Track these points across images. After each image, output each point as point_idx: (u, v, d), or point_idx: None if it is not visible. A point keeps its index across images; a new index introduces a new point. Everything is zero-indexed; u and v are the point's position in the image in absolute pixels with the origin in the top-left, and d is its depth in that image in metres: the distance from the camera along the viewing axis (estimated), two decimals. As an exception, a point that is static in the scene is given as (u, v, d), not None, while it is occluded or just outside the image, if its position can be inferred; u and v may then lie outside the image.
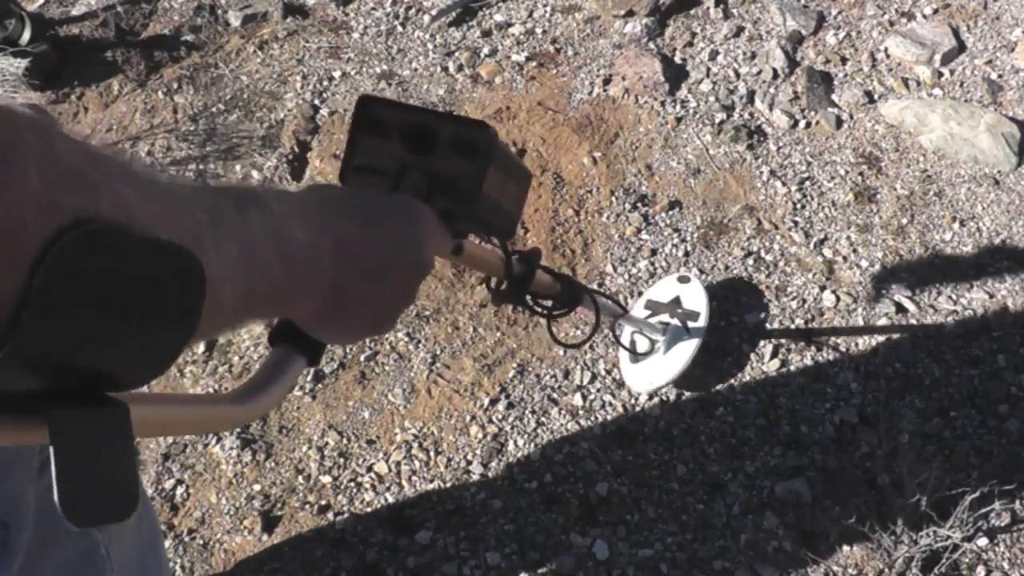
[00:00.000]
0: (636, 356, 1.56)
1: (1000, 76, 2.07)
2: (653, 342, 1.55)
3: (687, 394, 1.61)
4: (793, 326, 1.69)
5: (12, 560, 0.58)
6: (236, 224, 0.41)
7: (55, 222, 0.31)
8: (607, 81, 2.07)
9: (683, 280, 1.64)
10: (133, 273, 0.35)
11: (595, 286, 1.74)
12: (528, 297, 0.97)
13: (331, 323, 0.52)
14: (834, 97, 2.06)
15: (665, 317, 1.56)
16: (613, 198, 1.87)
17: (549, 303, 1.02)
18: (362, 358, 1.65)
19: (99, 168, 0.34)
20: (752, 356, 1.65)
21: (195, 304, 0.38)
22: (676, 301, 1.57)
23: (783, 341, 1.67)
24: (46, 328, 0.32)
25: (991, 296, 1.72)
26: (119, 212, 0.34)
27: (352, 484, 1.52)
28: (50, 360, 0.34)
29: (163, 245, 0.36)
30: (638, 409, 1.59)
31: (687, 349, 1.53)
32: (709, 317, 1.57)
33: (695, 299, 1.59)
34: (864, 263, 1.77)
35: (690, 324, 1.55)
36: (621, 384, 1.62)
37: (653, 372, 1.54)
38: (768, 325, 1.69)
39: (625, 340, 1.58)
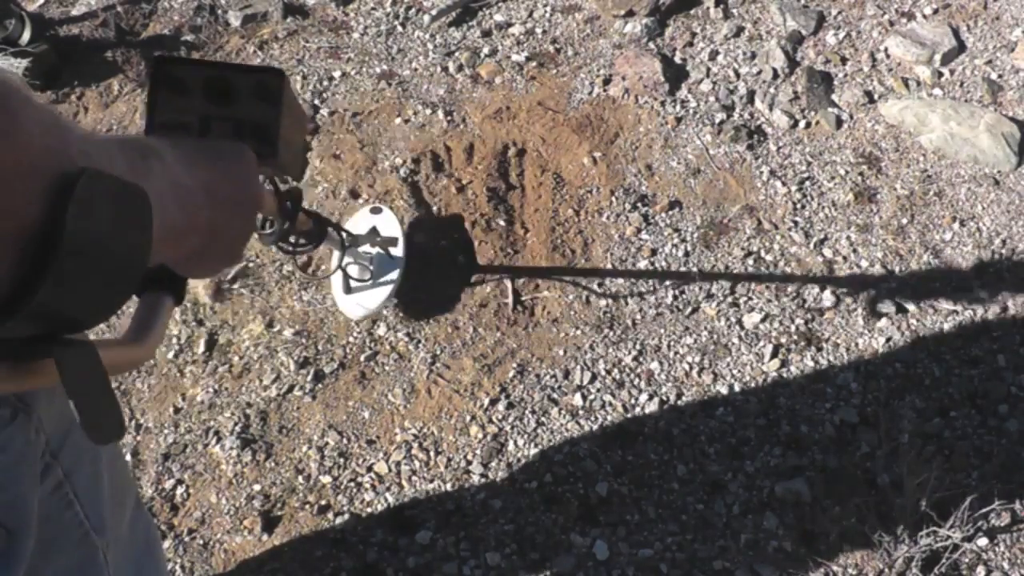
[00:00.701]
0: (348, 287, 1.64)
1: (1000, 76, 2.07)
2: (367, 269, 1.63)
3: (687, 394, 1.61)
4: (793, 326, 1.69)
5: (17, 566, 0.58)
6: (144, 172, 0.45)
7: (57, 165, 0.35)
8: (607, 81, 2.07)
9: (375, 211, 1.73)
10: (120, 215, 0.39)
11: (595, 286, 1.74)
12: (291, 236, 1.05)
13: (201, 259, 0.57)
14: (834, 97, 2.06)
15: (367, 248, 1.62)
16: (613, 198, 1.86)
17: (295, 239, 1.10)
18: (362, 358, 1.65)
19: (61, 121, 0.38)
20: (752, 356, 1.65)
21: (147, 244, 0.42)
22: (374, 231, 1.61)
23: (783, 341, 1.67)
24: (75, 266, 0.36)
25: (991, 296, 1.72)
26: (83, 160, 0.38)
27: (352, 484, 1.52)
28: (63, 305, 0.37)
29: (136, 188, 0.40)
30: (638, 409, 1.59)
31: (393, 272, 1.65)
32: (406, 242, 1.68)
33: (390, 226, 1.69)
34: (864, 263, 1.77)
35: (391, 251, 1.64)
36: (621, 384, 1.62)
37: (366, 298, 1.63)
38: (768, 325, 1.69)
39: (339, 275, 1.64)
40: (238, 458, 1.54)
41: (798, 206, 1.86)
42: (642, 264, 1.78)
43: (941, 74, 2.09)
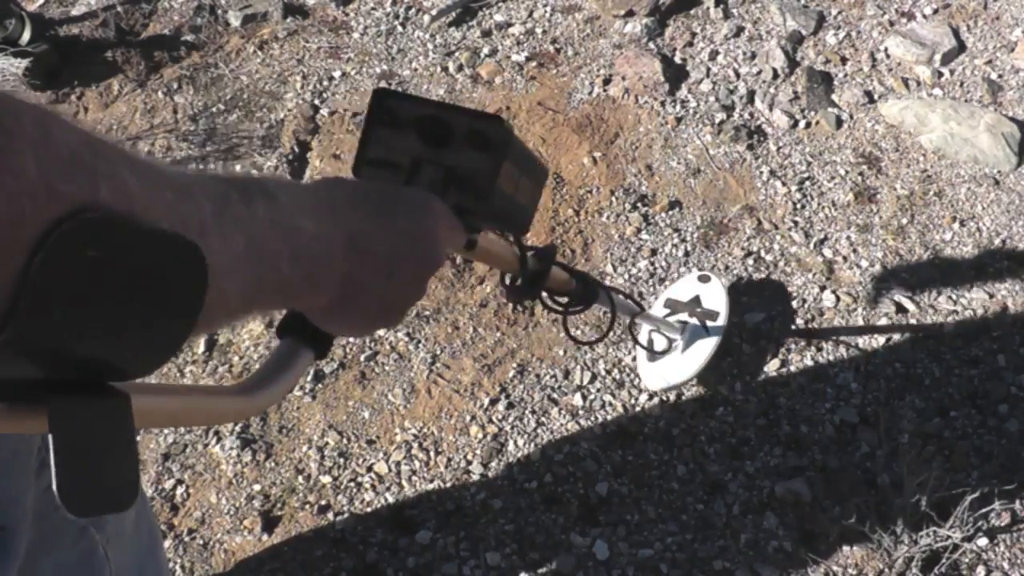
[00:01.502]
0: (653, 355, 1.56)
1: (1000, 76, 2.07)
2: (671, 340, 1.55)
3: (687, 394, 1.61)
4: (793, 326, 1.69)
5: (11, 563, 0.58)
6: (242, 214, 0.41)
7: (53, 211, 0.31)
8: (607, 81, 2.07)
9: (703, 279, 1.64)
10: (134, 263, 0.34)
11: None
12: (544, 294, 0.96)
13: (340, 316, 0.52)
14: (834, 97, 2.06)
15: (684, 316, 1.56)
16: (613, 198, 1.87)
17: (564, 300, 1.02)
18: (362, 358, 1.65)
19: (100, 156, 0.33)
20: (752, 356, 1.65)
21: (198, 295, 0.37)
22: (696, 300, 1.57)
23: (783, 341, 1.67)
24: (43, 317, 0.32)
25: (991, 296, 1.72)
26: (120, 201, 0.34)
27: (352, 484, 1.52)
28: (48, 349, 0.33)
29: (165, 235, 0.35)
30: (638, 409, 1.59)
31: (705, 348, 1.53)
32: (729, 316, 1.57)
33: (715, 298, 1.59)
34: (864, 263, 1.77)
35: (708, 323, 1.55)
36: (621, 384, 1.62)
37: (670, 370, 1.54)
38: (768, 325, 1.69)
39: (643, 339, 1.58)
40: (238, 458, 1.54)
41: (798, 206, 1.86)
42: (642, 264, 1.78)
43: (941, 74, 2.09)
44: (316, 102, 2.04)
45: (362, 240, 0.48)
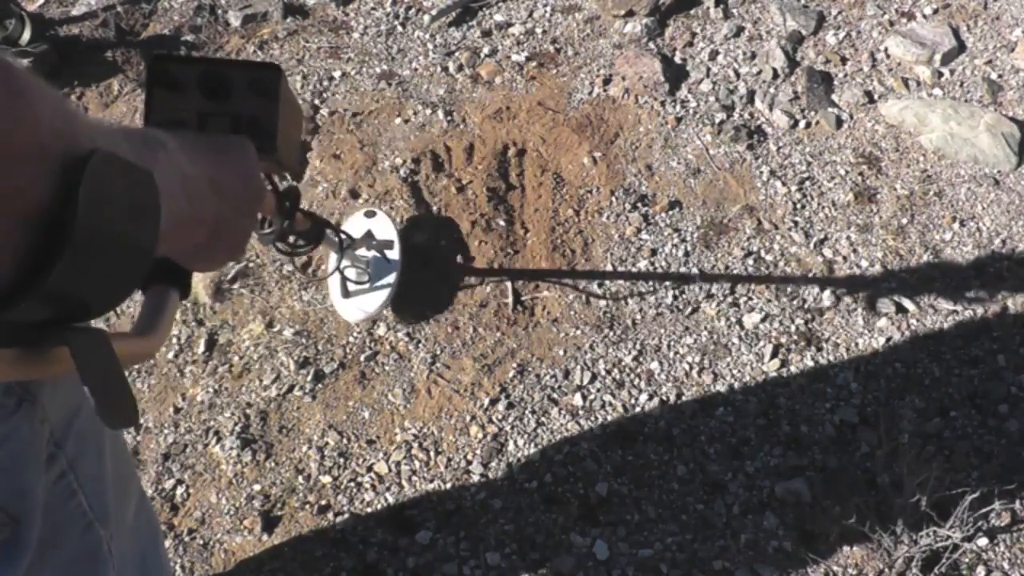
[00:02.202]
0: (346, 291, 1.64)
1: (1000, 76, 2.07)
2: (364, 272, 1.63)
3: (687, 394, 1.61)
4: (793, 326, 1.69)
5: (23, 555, 0.58)
6: (151, 161, 0.45)
7: (65, 146, 0.35)
8: (607, 81, 2.07)
9: (369, 214, 1.73)
10: (131, 197, 0.39)
11: (595, 287, 1.74)
12: (290, 236, 1.05)
13: (208, 252, 0.57)
14: (834, 97, 2.06)
15: (363, 251, 1.62)
16: (613, 198, 1.86)
17: (293, 239, 1.09)
18: (362, 358, 1.65)
19: (67, 104, 0.38)
20: (752, 356, 1.65)
21: (155, 228, 0.42)
22: (369, 234, 1.61)
23: (783, 341, 1.67)
24: (87, 247, 0.36)
25: (991, 296, 1.72)
26: (90, 144, 0.38)
27: (352, 484, 1.52)
28: (78, 287, 0.37)
29: (146, 172, 0.40)
30: (638, 409, 1.59)
31: (390, 276, 1.64)
32: (401, 244, 1.67)
33: (385, 229, 1.69)
34: (864, 263, 1.77)
35: (388, 254, 1.64)
36: (621, 384, 1.62)
37: (364, 302, 1.63)
38: (768, 325, 1.69)
39: (337, 279, 1.64)
40: (238, 458, 1.54)
41: (798, 206, 1.86)
42: (642, 264, 1.78)
43: (941, 74, 2.09)
44: (316, 102, 2.04)
45: (218, 181, 0.54)
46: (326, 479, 1.52)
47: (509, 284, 1.74)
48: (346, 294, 1.64)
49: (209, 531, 1.48)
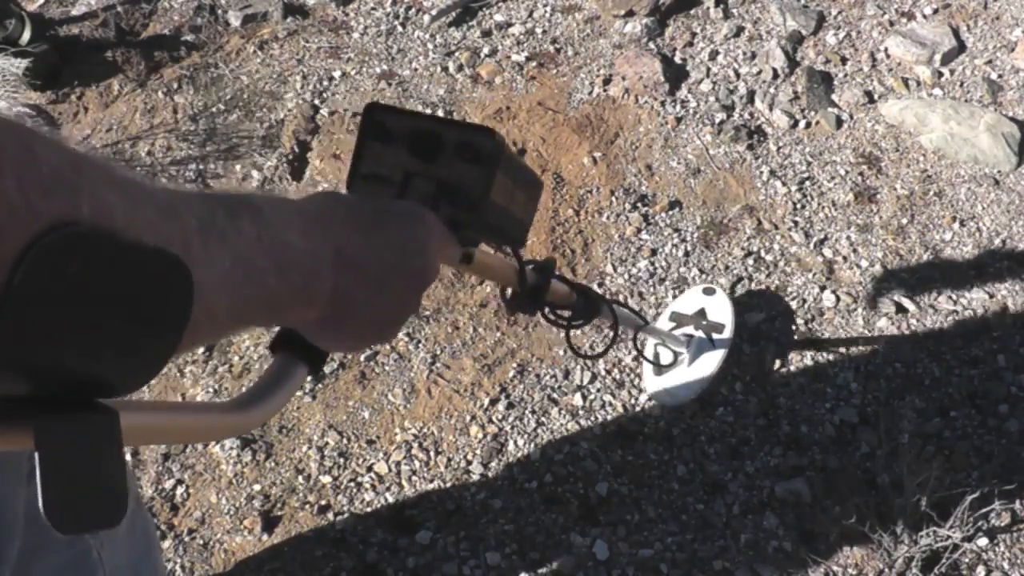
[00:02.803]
0: (660, 368, 1.54)
1: (1000, 76, 2.07)
2: (677, 354, 1.53)
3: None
4: (793, 326, 1.69)
5: (3, 568, 0.58)
6: (228, 231, 0.41)
7: (34, 228, 0.31)
8: (607, 81, 2.07)
9: (708, 292, 1.62)
10: (116, 278, 0.34)
11: (595, 286, 1.74)
12: (545, 307, 0.95)
13: (332, 331, 0.51)
14: (834, 97, 2.06)
15: (690, 329, 1.54)
16: (613, 198, 1.87)
17: (566, 313, 1.01)
18: (362, 358, 1.65)
19: (82, 174, 0.33)
20: (752, 355, 1.65)
21: (183, 311, 0.37)
22: (701, 313, 1.55)
23: (783, 341, 1.67)
24: (24, 331, 0.32)
25: (991, 296, 1.72)
26: (102, 217, 0.34)
27: (352, 484, 1.52)
28: (31, 364, 0.33)
29: (148, 250, 0.35)
30: (638, 409, 1.59)
31: (712, 361, 1.51)
32: (734, 328, 1.55)
33: (720, 311, 1.57)
34: (864, 263, 1.77)
35: (715, 335, 1.53)
36: (621, 384, 1.62)
37: (678, 385, 1.52)
38: (768, 325, 1.69)
39: (648, 353, 1.56)
40: (238, 458, 1.54)
41: (798, 206, 1.86)
42: (642, 264, 1.78)
43: (941, 74, 2.09)
44: (316, 102, 2.04)
45: (351, 253, 0.48)
46: (326, 479, 1.52)
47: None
48: (659, 371, 1.54)
49: (209, 531, 1.48)
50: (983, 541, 1.44)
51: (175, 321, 0.37)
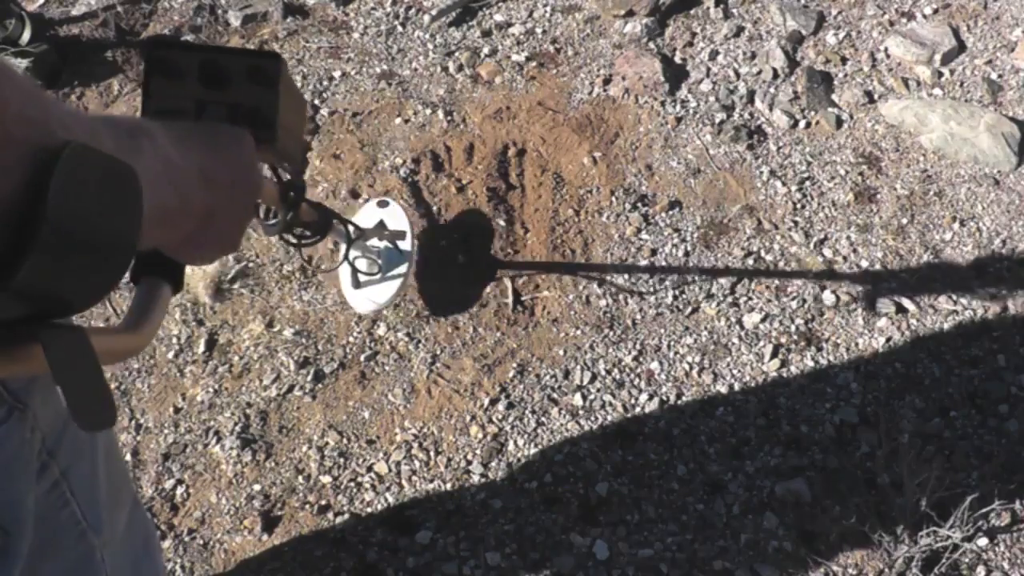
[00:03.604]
0: (357, 281, 1.62)
1: (1000, 76, 2.07)
2: (375, 263, 1.61)
3: (687, 394, 1.61)
4: (793, 326, 1.69)
5: (13, 567, 0.58)
6: (134, 150, 0.44)
7: (35, 136, 0.33)
8: (607, 81, 2.07)
9: (382, 204, 1.71)
10: (109, 191, 0.37)
11: (595, 287, 1.74)
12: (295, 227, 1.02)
13: (198, 244, 0.56)
14: (834, 97, 2.06)
15: (375, 241, 1.60)
16: (613, 198, 1.86)
17: (303, 231, 1.07)
18: (362, 358, 1.65)
19: (45, 103, 0.36)
20: (752, 356, 1.65)
21: (136, 224, 0.40)
22: (381, 224, 1.59)
23: (783, 341, 1.67)
24: (59, 242, 0.34)
25: (991, 296, 1.72)
26: (65, 134, 0.36)
27: (352, 484, 1.52)
28: (40, 283, 0.36)
29: (124, 165, 0.38)
30: (638, 409, 1.59)
31: (402, 266, 1.62)
32: (414, 234, 1.65)
33: (398, 219, 1.67)
34: (864, 263, 1.77)
35: (400, 244, 1.61)
36: (621, 384, 1.62)
37: (376, 293, 1.61)
38: (768, 325, 1.69)
39: (347, 270, 1.62)
40: (238, 458, 1.54)
41: (798, 206, 1.86)
42: (642, 264, 1.78)
43: (941, 74, 2.09)
44: (316, 102, 2.04)
45: (210, 171, 0.52)
46: (326, 479, 1.52)
47: (509, 284, 1.74)
48: (357, 285, 1.62)
49: (209, 531, 1.48)
50: (983, 541, 1.44)
51: (133, 235, 0.40)
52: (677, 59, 2.12)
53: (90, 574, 0.71)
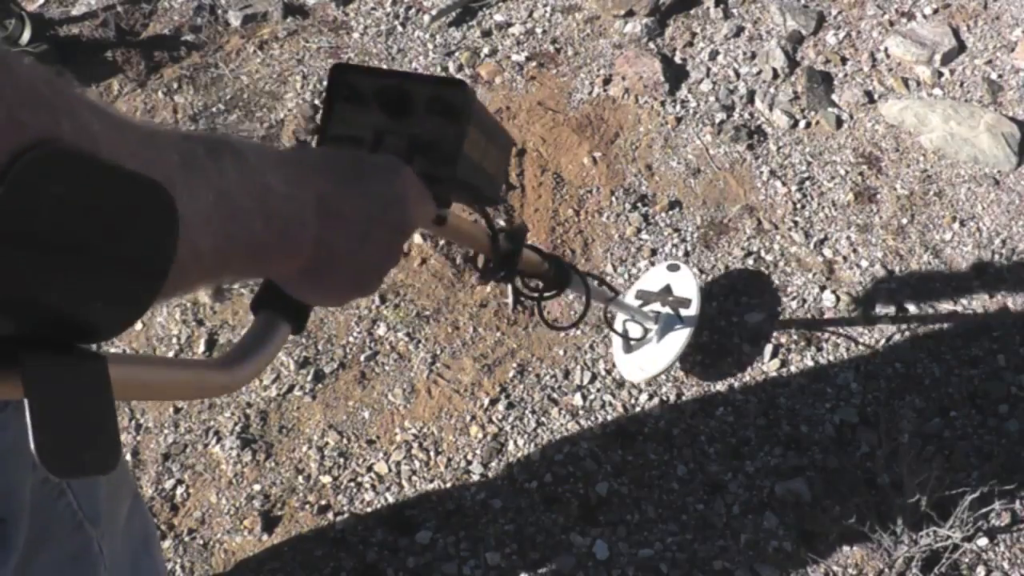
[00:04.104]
0: (629, 345, 1.56)
1: (1000, 76, 2.07)
2: (646, 330, 1.54)
3: (687, 394, 1.61)
4: (793, 326, 1.69)
5: (10, 555, 0.58)
6: (209, 168, 0.39)
7: (16, 141, 0.30)
8: (607, 81, 2.07)
9: (673, 268, 1.64)
10: (100, 203, 0.33)
11: (595, 286, 1.74)
12: (516, 277, 0.95)
13: (314, 283, 0.51)
14: (834, 97, 2.06)
15: (656, 306, 1.56)
16: (613, 198, 1.87)
17: (537, 284, 1.01)
18: (362, 358, 1.65)
19: (59, 92, 0.32)
20: (752, 356, 1.65)
21: (168, 243, 0.36)
22: (667, 289, 1.56)
23: (783, 341, 1.67)
24: (6, 256, 0.30)
25: (991, 296, 1.72)
26: (83, 139, 0.33)
27: (352, 484, 1.52)
28: (13, 296, 0.32)
29: (134, 175, 0.34)
30: (638, 409, 1.59)
31: (680, 337, 1.53)
32: (700, 304, 1.57)
33: (685, 286, 1.59)
34: (864, 263, 1.77)
35: (682, 312, 1.54)
36: (621, 384, 1.62)
37: (647, 360, 1.53)
38: (768, 325, 1.69)
39: (618, 329, 1.58)
40: (238, 458, 1.54)
41: (798, 206, 1.86)
42: (642, 264, 1.78)
43: (941, 74, 2.09)
44: (316, 102, 2.04)
45: (333, 203, 0.47)
46: (326, 479, 1.52)
47: (509, 284, 1.74)
48: (628, 349, 1.55)
49: (209, 531, 1.48)
50: (983, 541, 1.44)
51: (160, 256, 0.36)
52: (677, 59, 2.12)
53: (88, 566, 0.71)
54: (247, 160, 0.42)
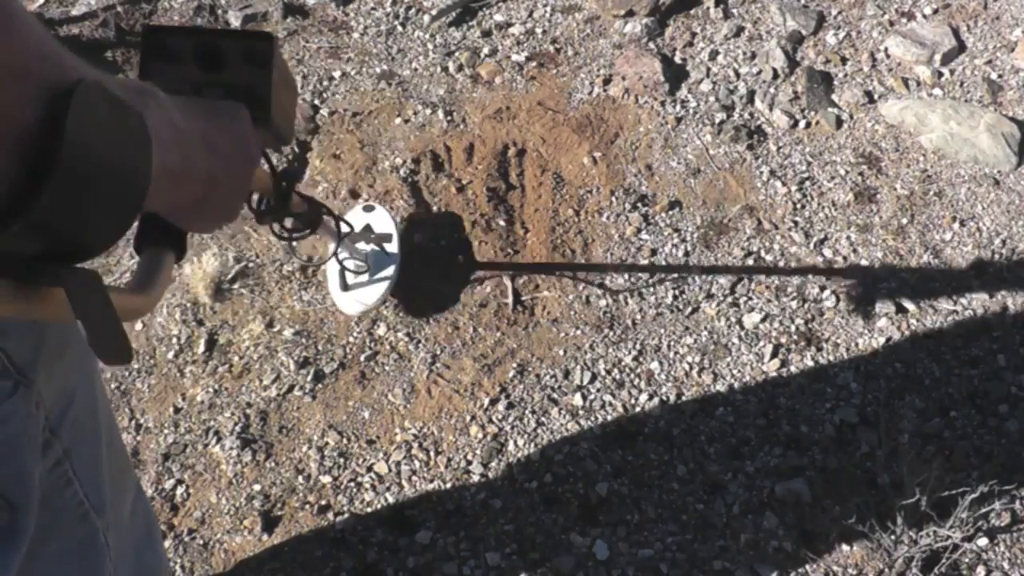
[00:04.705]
0: (345, 283, 1.65)
1: (1000, 76, 2.07)
2: (359, 266, 1.64)
3: (687, 394, 1.61)
4: (793, 326, 1.69)
5: (20, 542, 0.58)
6: (140, 105, 0.44)
7: (51, 72, 0.35)
8: (607, 81, 2.07)
9: (368, 209, 1.74)
10: (119, 129, 0.38)
11: (595, 287, 1.74)
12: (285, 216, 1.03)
13: (201, 211, 0.57)
14: (834, 97, 2.06)
15: (362, 245, 1.63)
16: (613, 198, 1.86)
17: (288, 224, 1.08)
18: (362, 358, 1.65)
19: (60, 45, 0.37)
20: (752, 356, 1.65)
21: (146, 164, 0.41)
22: (368, 228, 1.61)
23: (783, 341, 1.67)
24: (75, 176, 0.35)
25: (991, 296, 1.72)
26: (77, 75, 0.37)
27: (352, 484, 1.52)
28: (63, 218, 0.37)
29: (130, 107, 0.39)
30: (638, 409, 1.59)
31: (389, 271, 1.65)
32: (400, 238, 1.69)
33: (384, 223, 1.70)
34: (864, 263, 1.77)
35: (386, 247, 1.64)
36: (621, 384, 1.62)
37: (363, 294, 1.64)
38: (768, 325, 1.69)
39: (335, 268, 1.64)
40: (238, 458, 1.54)
41: (798, 206, 1.86)
42: (642, 264, 1.78)
43: (941, 74, 2.09)
44: (316, 102, 2.04)
45: (211, 139, 0.53)
46: (326, 479, 1.52)
47: (509, 284, 1.74)
48: (345, 287, 1.65)
49: (209, 531, 1.48)
50: (983, 541, 1.44)
51: (142, 175, 0.41)
52: (677, 59, 2.12)
53: (94, 556, 0.71)
54: (160, 100, 0.48)
